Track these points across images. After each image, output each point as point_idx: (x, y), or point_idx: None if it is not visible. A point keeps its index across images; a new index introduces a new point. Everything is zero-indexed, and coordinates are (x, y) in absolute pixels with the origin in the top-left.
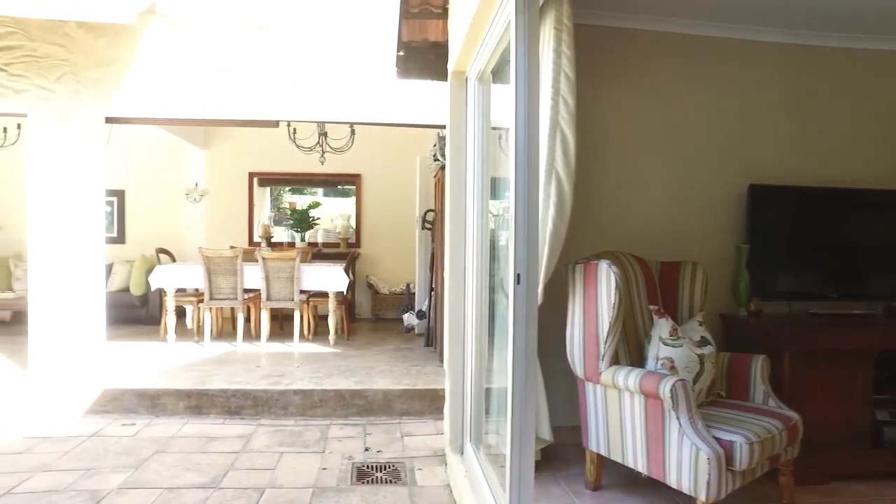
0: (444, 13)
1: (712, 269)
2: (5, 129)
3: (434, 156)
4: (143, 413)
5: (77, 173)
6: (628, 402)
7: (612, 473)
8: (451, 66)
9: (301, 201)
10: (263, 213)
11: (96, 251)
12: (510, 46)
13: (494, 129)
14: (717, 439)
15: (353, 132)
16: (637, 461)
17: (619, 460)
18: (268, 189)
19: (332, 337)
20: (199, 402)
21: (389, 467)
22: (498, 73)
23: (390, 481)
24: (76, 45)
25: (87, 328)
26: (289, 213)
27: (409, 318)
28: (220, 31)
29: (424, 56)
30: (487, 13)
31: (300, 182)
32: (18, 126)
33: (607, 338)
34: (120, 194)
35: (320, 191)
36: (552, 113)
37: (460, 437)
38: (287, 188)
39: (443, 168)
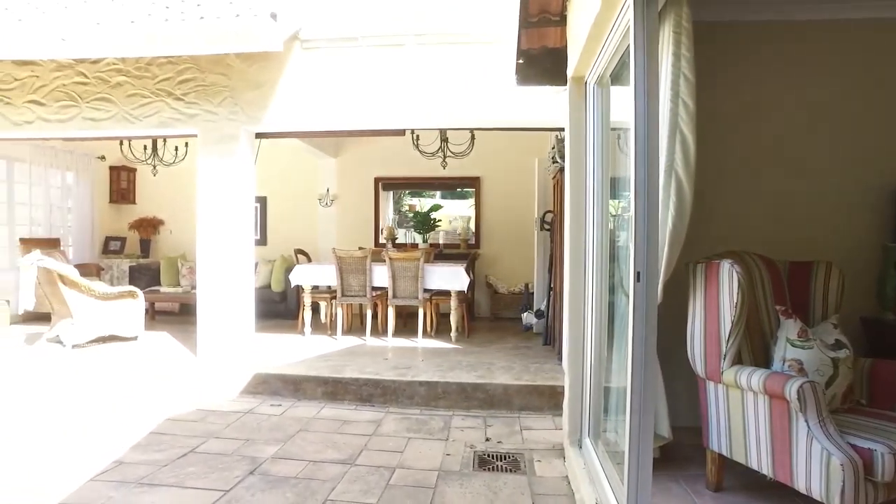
0: (562, 20)
1: (850, 269)
2: (176, 148)
3: (553, 158)
4: (287, 396)
5: (233, 184)
6: (752, 402)
7: (735, 475)
8: (570, 72)
9: (420, 204)
10: (387, 215)
11: (247, 253)
12: (629, 51)
13: (613, 129)
14: (853, 446)
15: (473, 137)
16: (762, 463)
17: (742, 462)
18: (391, 193)
19: (453, 334)
20: (334, 389)
21: (509, 457)
22: (617, 77)
23: (510, 470)
24: (234, 72)
25: (241, 320)
26: (410, 215)
27: (528, 318)
28: (353, 51)
29: (543, 62)
30: (607, 20)
31: (422, 186)
32: (186, 145)
33: (729, 337)
34: (262, 201)
35: (438, 193)
36: (671, 115)
37: (578, 431)
38: (407, 191)
39: (561, 170)
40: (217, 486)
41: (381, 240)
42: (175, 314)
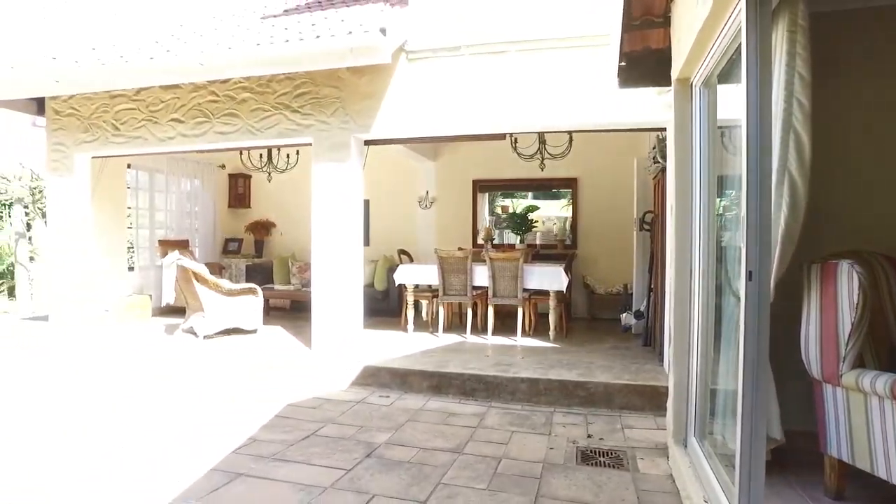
0: (665, 21)
1: None
2: (288, 156)
3: (654, 158)
4: (394, 388)
5: (344, 188)
6: (877, 407)
7: (859, 483)
8: (674, 74)
9: (513, 205)
10: (483, 217)
11: (357, 253)
12: (741, 51)
13: (719, 127)
14: None
15: (570, 139)
16: (891, 472)
17: (867, 469)
18: (486, 195)
19: (551, 333)
20: (439, 383)
21: (612, 454)
22: (725, 76)
23: (613, 466)
24: (345, 84)
25: (350, 317)
26: (503, 216)
27: (627, 318)
28: (455, 60)
29: (645, 64)
30: (717, 21)
31: (519, 187)
32: (297, 153)
33: (849, 339)
34: (365, 203)
35: (530, 194)
36: (785, 115)
37: (683, 430)
38: (499, 193)
39: (663, 170)
40: (339, 465)
41: (479, 240)
42: (286, 310)
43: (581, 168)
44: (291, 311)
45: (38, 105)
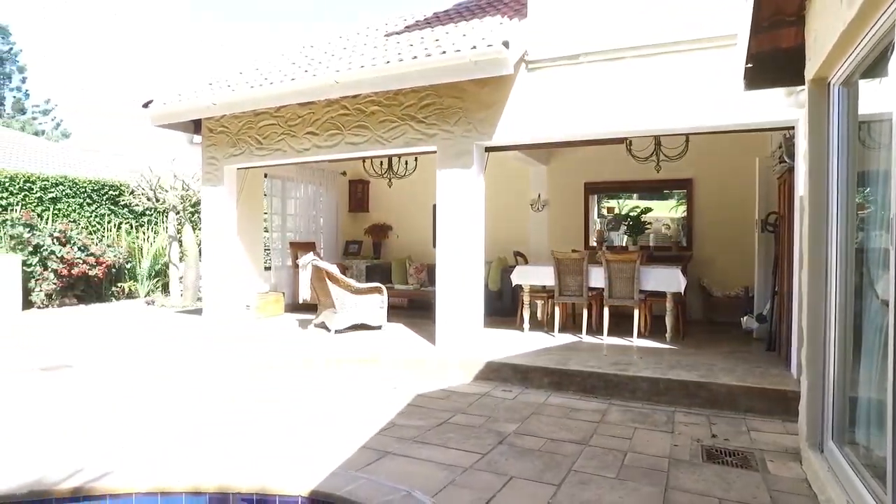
0: (798, 20)
1: None
2: (406, 162)
3: (779, 158)
4: (516, 383)
5: (466, 193)
6: None
7: None
8: (809, 73)
9: (619, 206)
10: (594, 218)
11: (478, 255)
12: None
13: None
14: None
15: (687, 140)
16: None
17: None
18: (595, 196)
19: (668, 335)
20: (560, 380)
21: (738, 454)
22: (868, 73)
23: (740, 466)
24: (468, 95)
25: (472, 315)
26: (609, 216)
27: (748, 322)
28: (574, 68)
29: (773, 64)
30: (865, 22)
31: (632, 189)
32: (416, 160)
33: None
34: None
35: (635, 195)
36: None
37: (819, 435)
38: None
39: (790, 170)
40: (474, 449)
41: (591, 242)
42: (404, 308)
43: (697, 169)
44: (409, 309)
45: (195, 125)
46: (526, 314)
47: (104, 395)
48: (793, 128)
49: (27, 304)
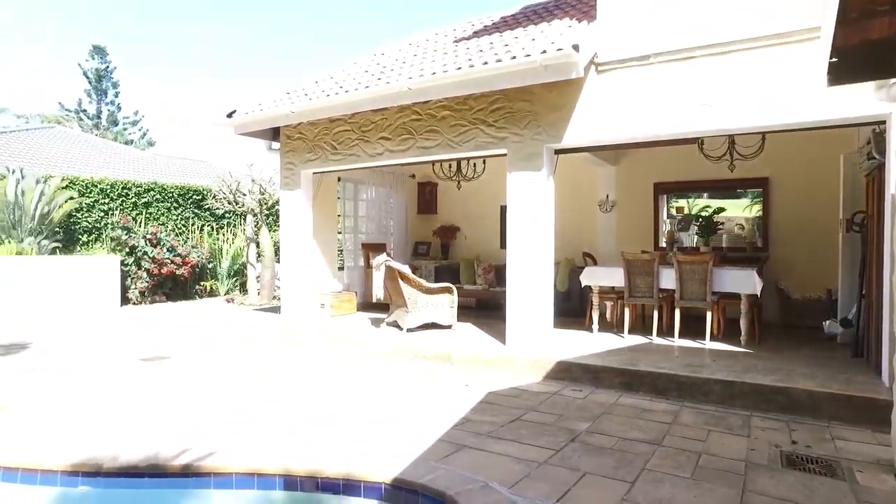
0: (892, 8)
1: None
2: (475, 165)
3: (868, 154)
4: (586, 383)
5: (536, 195)
6: None
7: None
8: None
9: (689, 205)
10: (664, 219)
11: (548, 256)
12: None
13: None
14: None
15: (763, 138)
16: None
17: None
18: (664, 196)
19: (743, 338)
20: (630, 380)
21: (822, 462)
22: None
23: (824, 474)
24: (537, 98)
25: (541, 315)
26: (679, 217)
27: (831, 326)
28: (644, 69)
29: (863, 57)
30: None
31: (703, 189)
32: (484, 162)
33: None
34: None
35: (705, 194)
36: None
37: None
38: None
39: (879, 167)
40: (548, 445)
41: (661, 243)
42: (473, 308)
43: (773, 167)
44: (477, 309)
45: (274, 132)
46: (595, 315)
47: (199, 383)
48: (884, 122)
49: (124, 300)
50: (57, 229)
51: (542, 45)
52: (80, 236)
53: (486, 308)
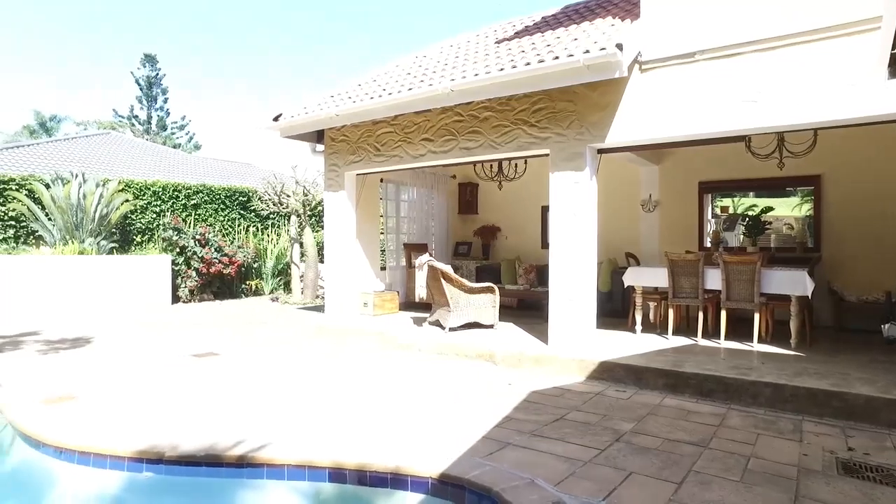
0: None
1: None
2: (516, 165)
3: None
4: (629, 384)
5: (579, 195)
6: None
7: None
8: None
9: (734, 204)
10: (708, 219)
11: (591, 256)
12: None
13: None
14: None
15: (815, 134)
16: None
17: None
18: (708, 195)
19: (793, 340)
20: (675, 382)
21: (882, 470)
22: None
23: (886, 483)
24: (580, 98)
25: (584, 316)
26: (723, 216)
27: (891, 330)
28: (689, 67)
29: None
30: None
31: (752, 188)
32: (525, 162)
33: None
34: None
35: (751, 193)
36: None
37: None
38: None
39: None
40: (592, 444)
41: (706, 243)
42: (514, 308)
43: (826, 164)
44: (518, 309)
45: (318, 135)
46: (638, 316)
47: (248, 378)
48: None
49: (175, 298)
50: (114, 230)
51: (584, 44)
52: (134, 237)
53: (527, 308)
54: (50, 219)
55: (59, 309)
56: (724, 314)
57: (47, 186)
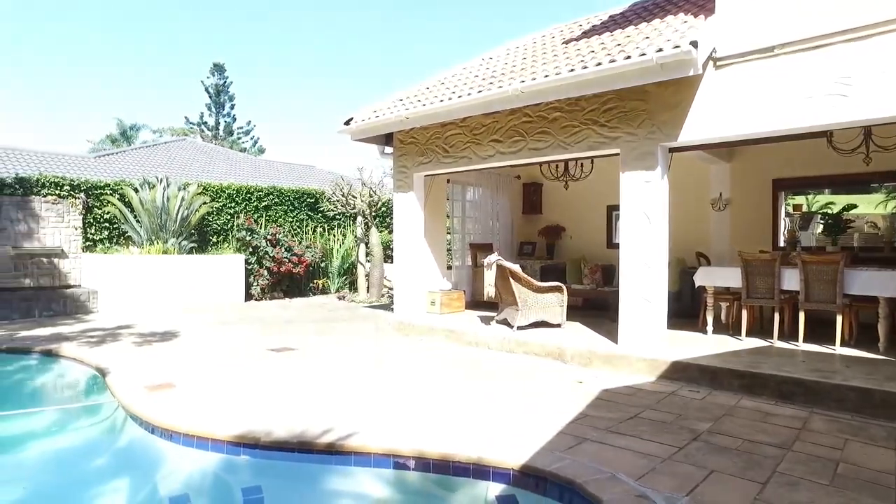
0: None
1: None
2: (582, 165)
3: None
4: (703, 384)
5: (650, 194)
6: None
7: None
8: None
9: (808, 202)
10: (783, 217)
11: (662, 255)
12: None
13: None
14: None
15: None
16: None
17: None
18: (782, 193)
19: (881, 344)
20: (751, 383)
21: None
22: None
23: None
24: (651, 97)
25: (655, 316)
26: (796, 214)
27: None
28: (767, 61)
29: None
30: None
31: (833, 184)
32: (592, 162)
33: None
34: None
35: (826, 190)
36: None
37: None
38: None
39: None
40: (669, 442)
41: (781, 243)
42: (579, 307)
43: None
44: (583, 308)
45: (386, 138)
46: (709, 316)
47: (327, 371)
48: None
49: (248, 295)
50: (193, 231)
51: (657, 43)
52: (210, 237)
53: (592, 308)
54: (138, 220)
55: (146, 304)
56: (802, 316)
57: (136, 191)
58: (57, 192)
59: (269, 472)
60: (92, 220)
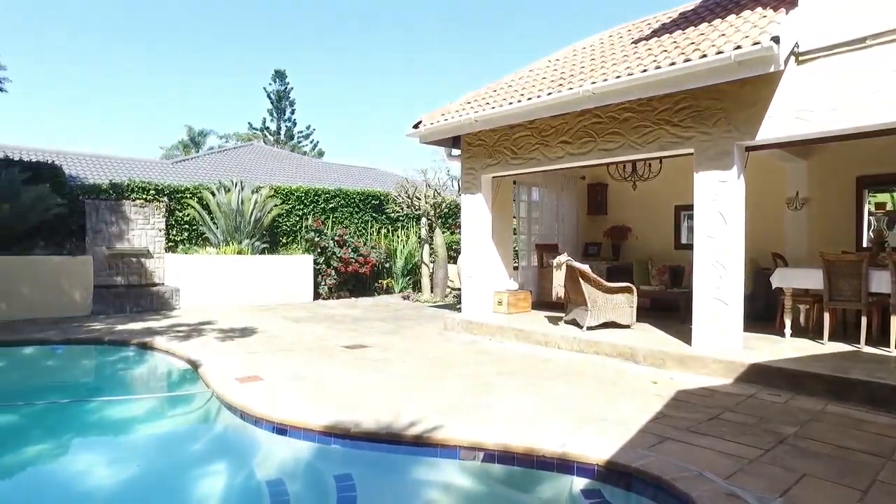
0: None
1: None
2: (650, 165)
3: None
4: (784, 388)
5: (725, 194)
6: None
7: None
8: None
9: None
10: (864, 216)
11: (737, 256)
12: None
13: None
14: None
15: None
16: None
17: None
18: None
19: None
20: (838, 388)
21: None
22: None
23: None
24: (727, 96)
25: (731, 318)
26: (880, 213)
27: None
28: (855, 54)
29: None
30: None
31: None
32: (660, 162)
33: None
34: None
35: None
36: None
37: None
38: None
39: None
40: (754, 444)
41: (864, 243)
42: (647, 308)
43: None
44: (651, 309)
45: (453, 140)
46: (787, 319)
47: (401, 368)
48: None
49: (316, 294)
50: (265, 232)
51: (734, 40)
52: (280, 238)
53: (661, 309)
54: (214, 222)
55: (221, 300)
56: (894, 320)
57: (213, 194)
58: (144, 196)
59: (359, 461)
60: (174, 222)
